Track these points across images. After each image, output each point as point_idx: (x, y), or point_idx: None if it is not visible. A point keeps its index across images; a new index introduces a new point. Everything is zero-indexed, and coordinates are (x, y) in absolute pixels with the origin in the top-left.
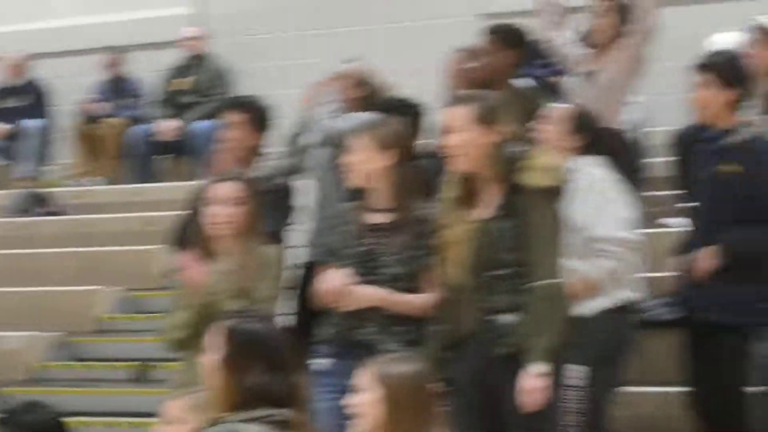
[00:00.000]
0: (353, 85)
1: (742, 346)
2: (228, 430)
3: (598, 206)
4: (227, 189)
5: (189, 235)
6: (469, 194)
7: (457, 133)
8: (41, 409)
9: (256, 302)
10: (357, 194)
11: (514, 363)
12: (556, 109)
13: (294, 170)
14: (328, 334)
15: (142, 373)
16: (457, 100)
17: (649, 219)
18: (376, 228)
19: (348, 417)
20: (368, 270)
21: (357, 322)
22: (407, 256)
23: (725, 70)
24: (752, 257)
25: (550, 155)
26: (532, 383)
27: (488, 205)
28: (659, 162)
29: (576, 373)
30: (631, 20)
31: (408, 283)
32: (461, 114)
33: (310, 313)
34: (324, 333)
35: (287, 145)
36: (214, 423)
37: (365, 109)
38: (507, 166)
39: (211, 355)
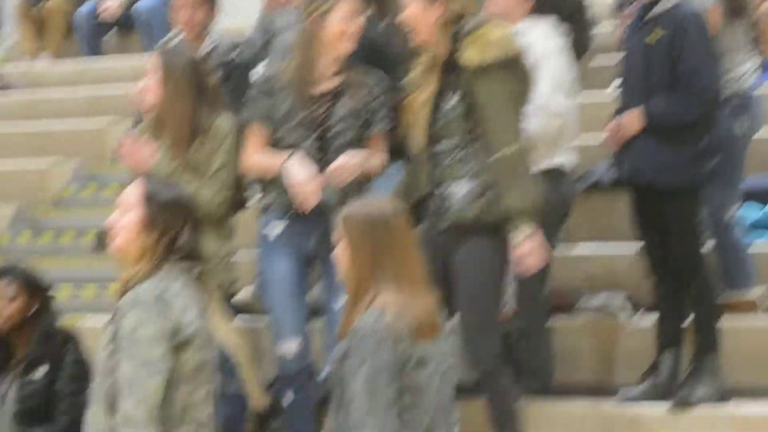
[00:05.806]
0: None
1: (684, 208)
2: (155, 286)
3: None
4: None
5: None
6: (432, 67)
7: (406, 8)
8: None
9: (208, 174)
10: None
11: (457, 234)
12: None
13: (255, 47)
14: (279, 201)
15: (102, 242)
16: None
17: (598, 86)
18: (322, 95)
19: (303, 284)
20: (319, 137)
21: None
22: (357, 121)
23: None
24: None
25: (499, 28)
26: (522, 249)
27: (435, 80)
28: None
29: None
30: None
31: (357, 147)
32: None
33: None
34: (273, 199)
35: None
36: (133, 278)
37: None
38: (451, 42)
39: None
